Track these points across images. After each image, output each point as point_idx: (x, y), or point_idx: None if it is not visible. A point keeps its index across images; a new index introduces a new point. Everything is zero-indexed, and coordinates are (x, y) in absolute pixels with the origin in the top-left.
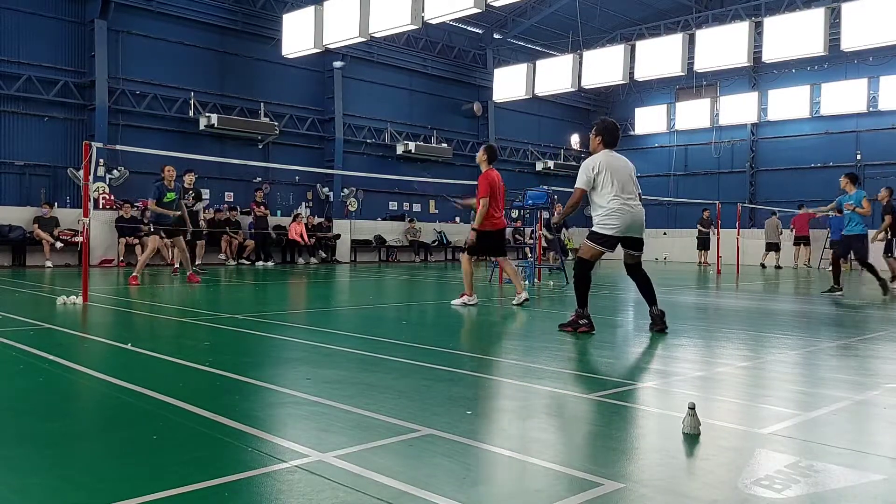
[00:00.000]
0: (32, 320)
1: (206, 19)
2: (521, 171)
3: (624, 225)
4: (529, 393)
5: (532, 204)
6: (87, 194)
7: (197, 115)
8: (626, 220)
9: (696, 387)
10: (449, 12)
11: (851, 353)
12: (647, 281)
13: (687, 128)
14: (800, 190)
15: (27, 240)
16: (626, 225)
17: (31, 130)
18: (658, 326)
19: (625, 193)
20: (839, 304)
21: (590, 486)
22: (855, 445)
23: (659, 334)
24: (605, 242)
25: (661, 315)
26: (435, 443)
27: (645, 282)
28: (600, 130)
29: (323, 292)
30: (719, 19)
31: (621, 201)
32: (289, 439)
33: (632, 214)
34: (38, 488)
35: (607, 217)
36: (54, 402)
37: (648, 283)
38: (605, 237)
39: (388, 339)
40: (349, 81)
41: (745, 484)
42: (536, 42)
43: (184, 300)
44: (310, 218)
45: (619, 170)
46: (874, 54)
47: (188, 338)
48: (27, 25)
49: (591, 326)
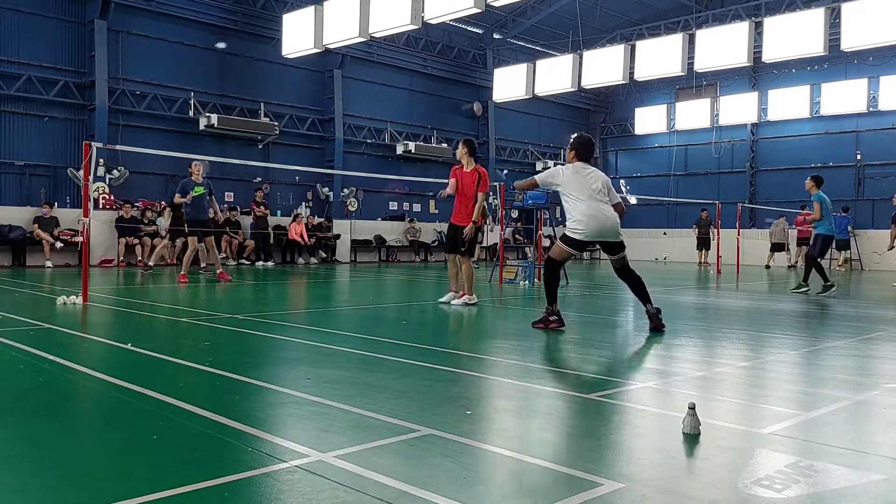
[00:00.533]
0: (32, 320)
1: (206, 19)
2: (521, 171)
3: (591, 230)
4: (529, 393)
5: (532, 204)
6: (87, 194)
7: (197, 115)
8: (593, 226)
9: (696, 387)
10: (449, 12)
11: (851, 353)
12: (637, 281)
13: (687, 128)
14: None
15: (27, 240)
16: (593, 230)
17: (31, 130)
18: (654, 324)
19: (593, 201)
20: (833, 303)
21: (590, 486)
22: (855, 445)
23: (657, 333)
24: (574, 245)
25: (656, 313)
26: (435, 443)
27: (636, 282)
28: (574, 146)
29: (323, 292)
30: (719, 19)
31: (587, 209)
32: (289, 439)
33: (598, 220)
34: (38, 488)
35: (576, 223)
36: (54, 402)
37: (640, 282)
38: (573, 240)
39: (388, 339)
40: (349, 81)
41: (746, 484)
42: (536, 42)
43: (184, 300)
44: (310, 218)
45: (585, 180)
46: (874, 54)
47: (188, 338)
48: (27, 25)
49: (561, 322)
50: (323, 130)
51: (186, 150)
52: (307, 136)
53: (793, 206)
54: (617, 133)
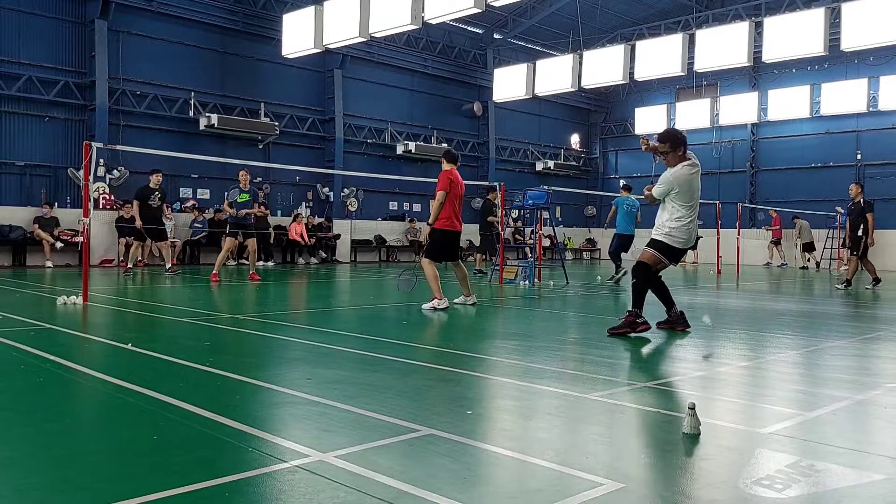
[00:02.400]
0: (33, 320)
1: (206, 19)
2: (521, 171)
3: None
4: (529, 393)
5: (532, 204)
6: (87, 194)
7: (197, 115)
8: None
9: (697, 387)
10: (449, 12)
11: (852, 353)
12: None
13: (687, 128)
14: (800, 190)
15: (27, 240)
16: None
17: (31, 130)
18: (681, 325)
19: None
20: (841, 302)
21: (590, 486)
22: (856, 445)
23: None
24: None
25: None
26: (435, 443)
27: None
28: (680, 141)
29: (323, 292)
30: (719, 19)
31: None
32: (289, 439)
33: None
34: (38, 488)
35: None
36: (54, 402)
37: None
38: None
39: (388, 339)
40: (349, 81)
41: (746, 484)
42: (536, 42)
43: (184, 300)
44: (310, 218)
45: (697, 184)
46: (874, 54)
47: (188, 338)
48: (27, 25)
49: (648, 325)
50: (323, 130)
51: (187, 150)
52: (307, 135)
53: (793, 206)
54: (617, 133)
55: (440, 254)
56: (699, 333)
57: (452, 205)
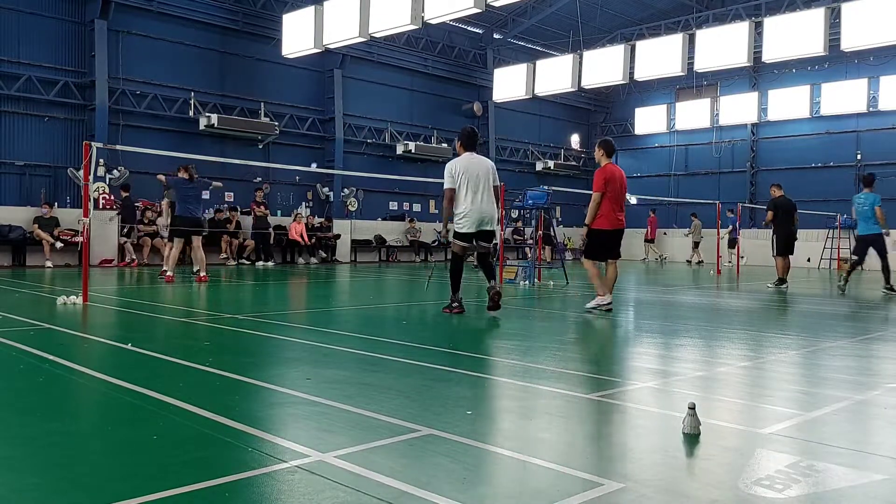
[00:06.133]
0: (33, 320)
1: (206, 19)
2: (521, 171)
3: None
4: (529, 393)
5: (532, 204)
6: (87, 194)
7: (197, 115)
8: (475, 218)
9: (696, 387)
10: (449, 12)
11: (852, 353)
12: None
13: (687, 128)
14: (800, 190)
15: (27, 240)
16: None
17: (31, 130)
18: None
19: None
20: (832, 303)
21: (590, 486)
22: (856, 445)
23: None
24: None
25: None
26: (435, 443)
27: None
28: (460, 137)
29: (323, 292)
30: (719, 19)
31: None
32: (289, 439)
33: (480, 211)
34: (38, 488)
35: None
36: (54, 402)
37: (491, 267)
38: (462, 234)
39: (388, 339)
40: (349, 81)
41: (746, 484)
42: (536, 42)
43: (184, 300)
44: (310, 218)
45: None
46: (874, 54)
47: (188, 338)
48: (27, 25)
49: (462, 308)
50: (323, 130)
51: (186, 150)
52: (307, 136)
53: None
54: (617, 133)
55: (598, 252)
56: (700, 333)
57: (610, 202)
